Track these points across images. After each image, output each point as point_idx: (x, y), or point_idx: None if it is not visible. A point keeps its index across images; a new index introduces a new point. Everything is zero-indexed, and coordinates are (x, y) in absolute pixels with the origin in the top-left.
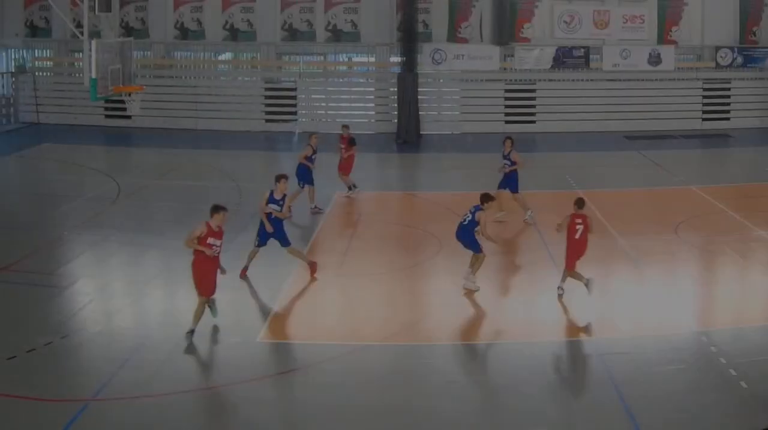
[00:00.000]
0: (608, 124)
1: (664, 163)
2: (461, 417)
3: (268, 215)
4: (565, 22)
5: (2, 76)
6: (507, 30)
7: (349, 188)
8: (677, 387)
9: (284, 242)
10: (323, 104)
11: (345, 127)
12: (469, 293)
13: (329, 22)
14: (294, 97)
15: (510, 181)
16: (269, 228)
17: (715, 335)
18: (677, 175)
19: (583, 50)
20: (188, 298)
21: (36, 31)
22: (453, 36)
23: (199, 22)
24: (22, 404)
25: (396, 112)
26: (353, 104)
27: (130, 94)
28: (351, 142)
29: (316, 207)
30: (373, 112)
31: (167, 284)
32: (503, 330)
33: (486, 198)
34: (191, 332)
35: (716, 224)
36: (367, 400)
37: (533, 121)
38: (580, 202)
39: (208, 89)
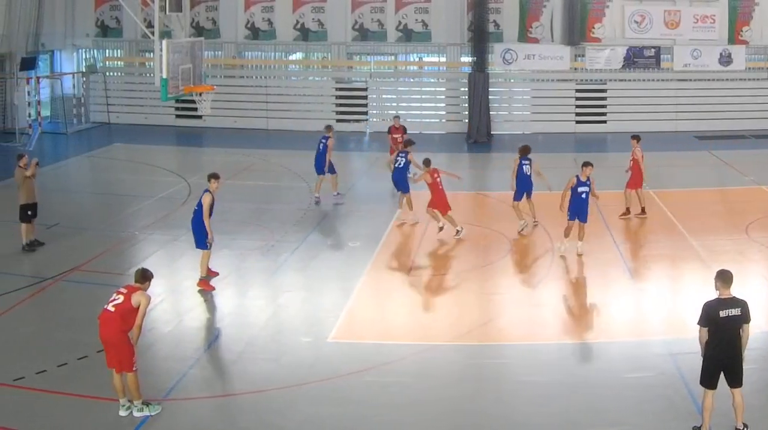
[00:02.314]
0: (679, 124)
1: (735, 163)
2: (532, 417)
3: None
4: (636, 22)
5: (73, 76)
6: (578, 30)
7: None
8: (748, 387)
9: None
10: (394, 104)
11: (397, 118)
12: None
13: (400, 22)
14: (365, 97)
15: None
16: (211, 238)
17: None
18: (748, 175)
19: (653, 50)
20: (259, 298)
21: (107, 31)
22: (524, 36)
23: (270, 22)
24: (94, 405)
25: (467, 112)
26: (424, 104)
27: (200, 94)
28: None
29: (338, 194)
30: (444, 112)
31: (238, 284)
32: (574, 330)
33: (408, 143)
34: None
35: None
36: (437, 400)
37: (604, 121)
38: (426, 162)
39: (279, 89)
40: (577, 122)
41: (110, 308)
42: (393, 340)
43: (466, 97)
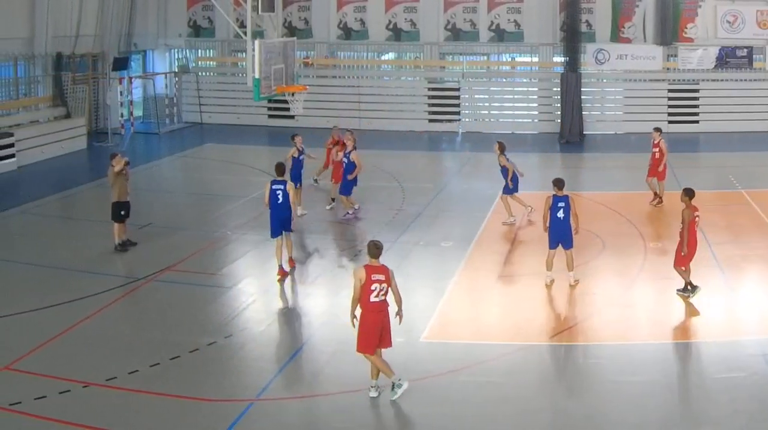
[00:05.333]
0: None
1: None
2: (625, 416)
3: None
4: (728, 22)
5: (166, 77)
6: (670, 30)
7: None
8: None
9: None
10: (486, 104)
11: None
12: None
13: (492, 22)
14: (457, 98)
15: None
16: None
17: None
18: None
19: (746, 50)
20: (351, 298)
21: (199, 31)
22: (616, 36)
23: (363, 22)
24: (186, 404)
25: (559, 112)
26: (516, 104)
27: (293, 94)
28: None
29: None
30: (536, 112)
31: (330, 284)
32: (666, 330)
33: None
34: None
35: None
36: (531, 399)
37: (696, 121)
38: None
39: (372, 89)
40: (670, 122)
41: (382, 298)
42: (486, 340)
43: (559, 97)
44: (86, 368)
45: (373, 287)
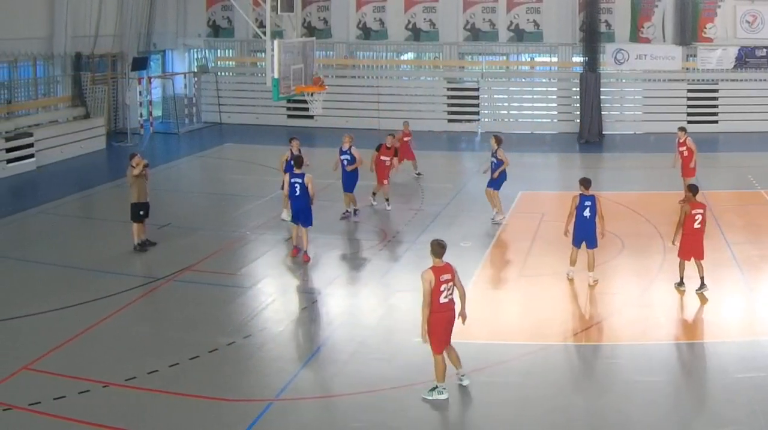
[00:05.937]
0: None
1: None
2: (644, 417)
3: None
4: (748, 22)
5: (185, 77)
6: (689, 30)
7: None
8: None
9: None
10: (505, 104)
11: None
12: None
13: (511, 22)
14: (476, 98)
15: (497, 179)
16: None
17: None
18: None
19: (765, 50)
20: (371, 298)
21: (218, 31)
22: (635, 36)
23: (382, 22)
24: (205, 404)
25: (578, 112)
26: (535, 104)
27: (312, 95)
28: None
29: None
30: (556, 112)
31: (349, 284)
32: (686, 330)
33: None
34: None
35: None
36: (549, 398)
37: (716, 121)
38: None
39: (391, 89)
40: (689, 122)
41: (450, 297)
42: (505, 340)
43: (578, 97)
44: (105, 368)
45: (442, 289)
